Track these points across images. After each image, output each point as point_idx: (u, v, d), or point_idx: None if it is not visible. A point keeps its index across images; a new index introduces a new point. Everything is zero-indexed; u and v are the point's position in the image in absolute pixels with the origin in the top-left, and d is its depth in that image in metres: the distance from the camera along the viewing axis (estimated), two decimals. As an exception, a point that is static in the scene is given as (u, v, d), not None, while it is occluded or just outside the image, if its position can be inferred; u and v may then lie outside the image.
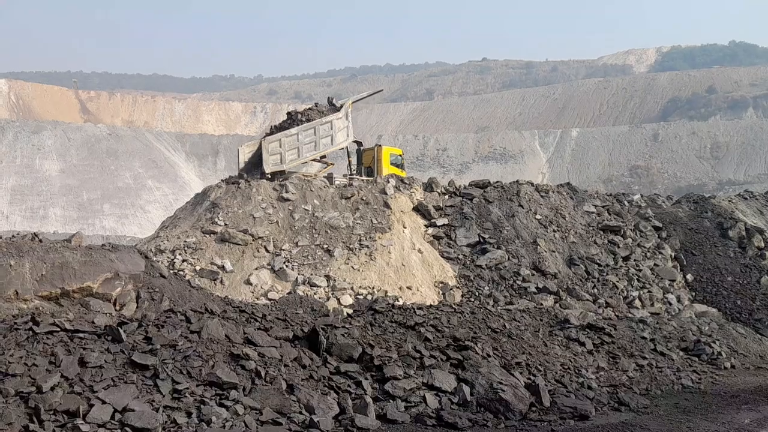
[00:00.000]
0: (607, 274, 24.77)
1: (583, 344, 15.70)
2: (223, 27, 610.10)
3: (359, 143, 29.95)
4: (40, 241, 13.33)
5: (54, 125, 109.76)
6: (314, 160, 27.36)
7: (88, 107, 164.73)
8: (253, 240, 22.24)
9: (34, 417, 8.18)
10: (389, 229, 23.74)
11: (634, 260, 25.90)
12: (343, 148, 28.09)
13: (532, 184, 28.56)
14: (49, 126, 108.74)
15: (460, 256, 24.33)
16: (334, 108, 27.63)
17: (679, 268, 26.64)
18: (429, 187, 27.61)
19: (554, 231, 25.99)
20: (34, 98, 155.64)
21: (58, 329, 9.77)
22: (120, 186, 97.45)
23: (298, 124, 26.34)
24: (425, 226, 25.60)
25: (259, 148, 25.58)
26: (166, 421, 8.62)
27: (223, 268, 21.16)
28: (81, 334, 9.83)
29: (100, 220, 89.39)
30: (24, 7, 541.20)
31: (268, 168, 24.90)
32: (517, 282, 23.27)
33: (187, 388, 9.29)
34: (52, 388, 8.59)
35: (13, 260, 11.78)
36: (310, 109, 27.99)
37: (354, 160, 30.02)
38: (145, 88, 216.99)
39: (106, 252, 13.37)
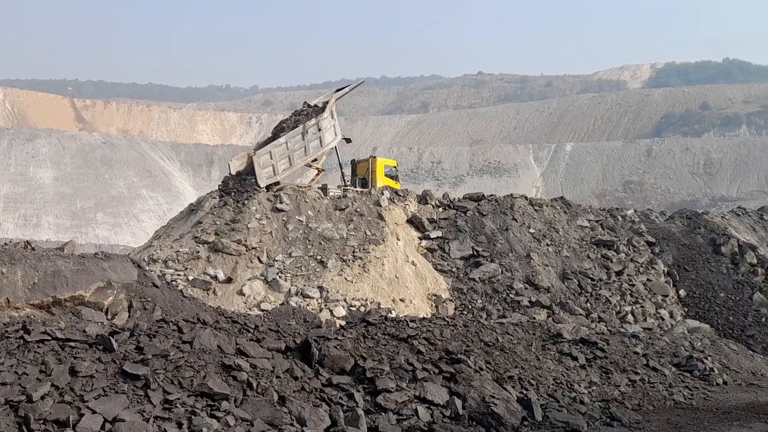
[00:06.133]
0: (600, 288, 24.80)
1: (575, 359, 15.67)
2: (219, 37, 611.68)
3: (348, 140, 29.70)
4: (33, 249, 13.27)
5: (49, 133, 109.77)
6: (307, 165, 27.21)
7: (83, 116, 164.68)
8: (246, 250, 22.19)
9: (24, 426, 8.10)
10: (383, 241, 23.72)
11: (627, 275, 25.94)
12: (333, 148, 27.74)
13: (526, 198, 28.63)
14: (43, 134, 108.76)
15: (454, 269, 24.32)
16: (318, 109, 27.33)
17: (671, 283, 26.70)
18: (423, 199, 27.63)
19: (548, 245, 26.03)
20: (29, 106, 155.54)
21: (50, 338, 9.69)
22: (114, 195, 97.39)
23: (284, 133, 26.13)
24: (419, 238, 25.60)
25: (250, 161, 25.35)
26: (156, 432, 8.56)
27: (216, 278, 21.09)
28: (72, 343, 9.75)
29: (94, 228, 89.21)
30: (19, 15, 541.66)
31: (263, 182, 24.63)
32: (510, 295, 23.27)
33: (178, 399, 9.22)
34: (43, 398, 8.51)
35: (5, 268, 11.72)
36: (293, 115, 27.84)
37: (348, 171, 29.98)
38: (141, 97, 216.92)
39: (98, 261, 13.31)
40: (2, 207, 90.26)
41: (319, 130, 26.11)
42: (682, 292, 26.40)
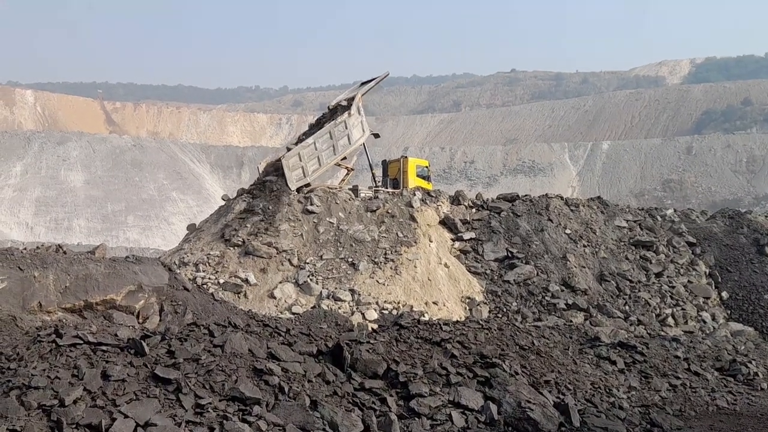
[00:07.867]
0: (639, 290, 24.36)
1: (614, 363, 15.39)
2: (248, 38, 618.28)
3: (376, 135, 29.45)
4: (64, 252, 13.36)
5: (79, 136, 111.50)
6: (336, 164, 27.06)
7: (114, 118, 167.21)
8: (277, 253, 22.14)
9: (57, 430, 8.14)
10: (415, 242, 23.54)
11: (667, 277, 25.46)
12: (362, 146, 27.45)
13: (562, 198, 28.25)
14: (74, 137, 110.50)
15: (488, 271, 24.05)
16: (344, 106, 27.11)
17: (713, 285, 26.15)
18: (456, 200, 27.38)
19: (584, 246, 25.63)
20: (59, 109, 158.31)
21: (81, 342, 9.74)
22: (144, 198, 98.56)
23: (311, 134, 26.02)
24: (452, 239, 25.38)
25: (279, 163, 25.22)
26: (187, 437, 8.50)
27: (246, 281, 21.09)
28: (104, 347, 9.80)
29: (124, 231, 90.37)
30: (50, 19, 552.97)
31: (293, 185, 24.51)
32: (546, 298, 22.94)
33: (210, 403, 9.19)
34: (75, 402, 8.54)
35: (37, 272, 11.81)
36: (325, 114, 27.73)
37: (379, 172, 29.80)
38: (170, 99, 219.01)
39: (129, 264, 13.37)
40: (34, 211, 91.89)
41: (347, 127, 25.91)
42: (724, 294, 25.81)
